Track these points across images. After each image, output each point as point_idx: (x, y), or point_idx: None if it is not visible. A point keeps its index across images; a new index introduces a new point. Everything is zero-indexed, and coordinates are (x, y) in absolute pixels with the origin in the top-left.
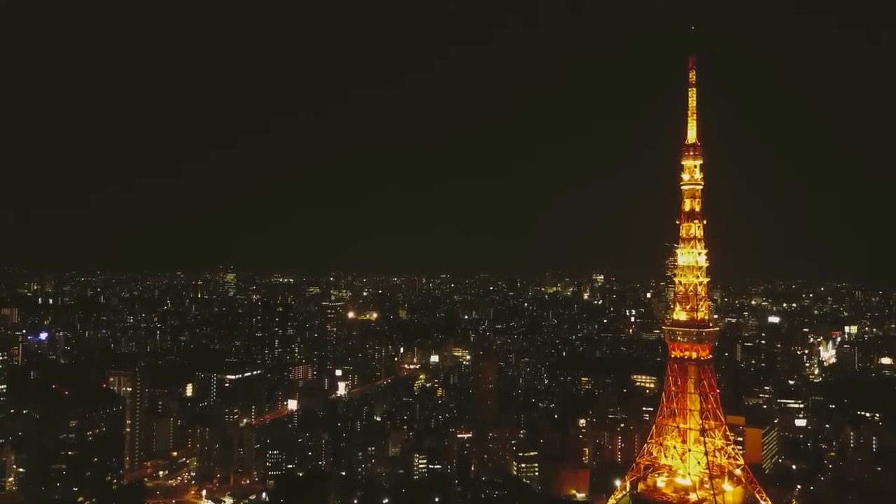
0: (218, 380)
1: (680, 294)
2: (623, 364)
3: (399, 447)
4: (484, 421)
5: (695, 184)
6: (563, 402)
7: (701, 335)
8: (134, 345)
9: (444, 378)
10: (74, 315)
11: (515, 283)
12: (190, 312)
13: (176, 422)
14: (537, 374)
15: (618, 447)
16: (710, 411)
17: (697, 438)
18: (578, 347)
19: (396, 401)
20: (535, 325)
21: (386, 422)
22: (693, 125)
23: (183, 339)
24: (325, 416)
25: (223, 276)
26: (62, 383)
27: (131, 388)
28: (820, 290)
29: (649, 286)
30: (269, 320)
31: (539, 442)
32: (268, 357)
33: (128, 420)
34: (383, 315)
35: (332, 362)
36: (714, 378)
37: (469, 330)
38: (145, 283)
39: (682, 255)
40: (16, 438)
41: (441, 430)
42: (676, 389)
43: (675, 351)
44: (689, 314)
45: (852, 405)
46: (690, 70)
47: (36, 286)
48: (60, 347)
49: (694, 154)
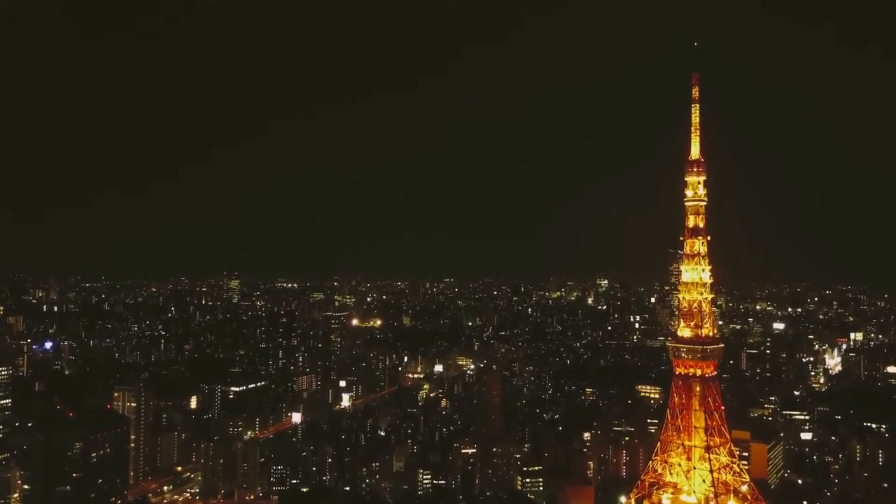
0: (222, 392)
1: (684, 310)
2: (628, 373)
3: (403, 462)
4: (488, 436)
5: (699, 200)
6: (567, 413)
7: (705, 352)
8: (138, 354)
9: (448, 388)
10: (79, 323)
11: (519, 288)
12: (194, 320)
13: (180, 436)
14: (541, 384)
15: (622, 461)
16: (714, 428)
17: (702, 456)
18: (583, 355)
19: (401, 412)
20: (539, 331)
21: (390, 436)
22: (696, 141)
23: (187, 347)
24: (330, 429)
25: (227, 283)
26: (67, 396)
27: (136, 404)
28: (825, 293)
29: (653, 289)
30: (274, 331)
31: (543, 456)
32: (272, 367)
33: (132, 436)
34: (387, 322)
35: (335, 372)
36: (719, 395)
37: (473, 337)
38: (150, 290)
39: (685, 272)
40: (21, 453)
41: (445, 443)
42: (681, 406)
43: (680, 368)
44: (693, 331)
45: (858, 416)
46: (693, 86)
47: (41, 292)
48: (65, 357)
49: (698, 170)
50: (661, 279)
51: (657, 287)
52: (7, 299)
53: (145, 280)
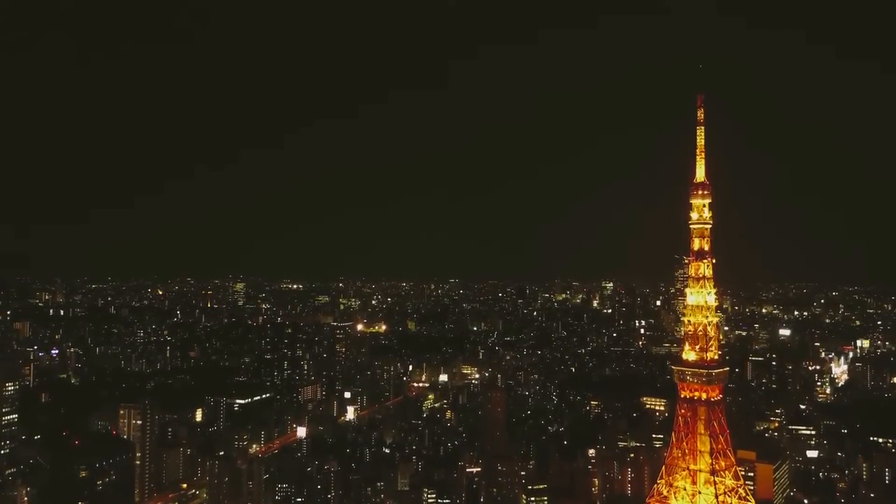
0: (227, 404)
1: (689, 333)
2: (633, 383)
3: (408, 479)
4: (493, 453)
5: (703, 223)
6: (572, 426)
7: (710, 376)
8: (144, 362)
9: (452, 399)
10: (85, 328)
11: (525, 291)
12: (200, 324)
13: (185, 451)
14: (546, 394)
15: (627, 479)
16: (720, 451)
17: (708, 479)
18: (588, 363)
19: (405, 425)
20: (544, 337)
21: (395, 453)
22: (701, 163)
23: (192, 354)
24: (335, 444)
25: (232, 286)
26: (73, 409)
27: (141, 421)
28: (832, 294)
29: (658, 291)
30: (279, 341)
31: (548, 473)
32: (276, 378)
33: (138, 453)
34: (391, 327)
35: (340, 382)
36: (724, 418)
37: (478, 344)
38: (155, 292)
39: (690, 294)
40: (27, 467)
41: (450, 459)
42: (686, 430)
43: (685, 391)
44: (698, 354)
45: (865, 430)
46: (699, 108)
47: (47, 296)
48: (71, 365)
49: (703, 193)
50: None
51: (662, 288)
52: (14, 302)
53: (151, 281)
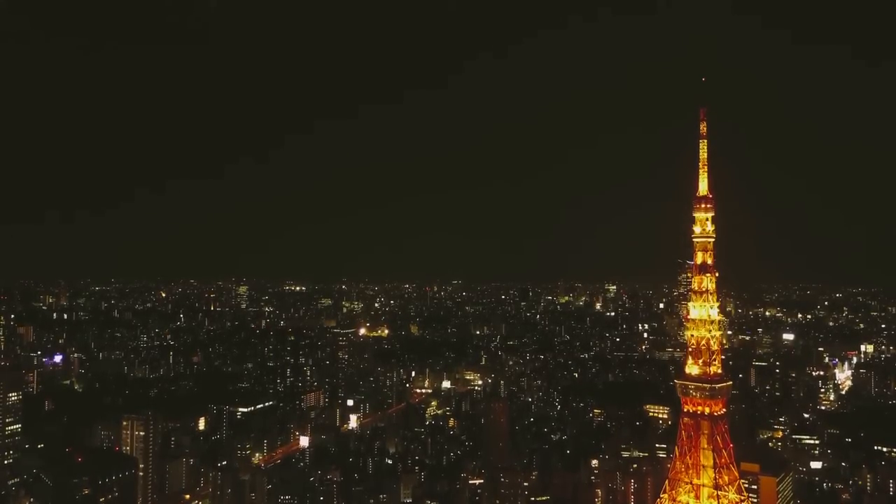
0: (230, 412)
1: (692, 348)
2: (636, 389)
3: (411, 490)
4: (496, 464)
5: (707, 237)
6: (575, 435)
7: (714, 390)
8: (147, 368)
9: (455, 406)
10: (89, 332)
11: (527, 293)
12: (203, 327)
13: (188, 461)
14: (549, 400)
15: (630, 490)
16: (723, 466)
17: (711, 494)
18: (591, 369)
19: (408, 433)
20: (547, 341)
21: (397, 463)
22: (704, 177)
23: (196, 360)
24: (337, 453)
25: (236, 288)
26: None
27: (144, 433)
28: (836, 296)
29: (661, 293)
30: (282, 348)
31: (551, 484)
32: (279, 385)
33: (141, 465)
34: (394, 331)
35: (343, 389)
36: (727, 433)
37: (481, 349)
38: (158, 294)
39: (693, 309)
40: (31, 477)
41: (453, 469)
42: (689, 444)
43: (688, 405)
44: (701, 368)
45: (869, 439)
46: (701, 122)
47: (51, 298)
48: (75, 371)
49: (706, 207)
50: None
51: (665, 290)
52: (17, 305)
53: (154, 283)
